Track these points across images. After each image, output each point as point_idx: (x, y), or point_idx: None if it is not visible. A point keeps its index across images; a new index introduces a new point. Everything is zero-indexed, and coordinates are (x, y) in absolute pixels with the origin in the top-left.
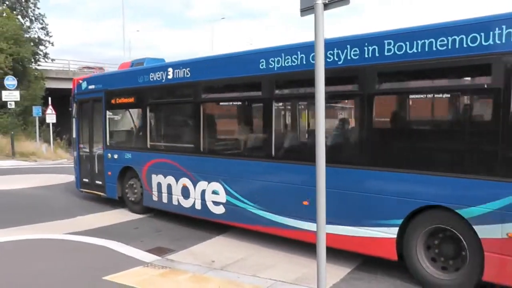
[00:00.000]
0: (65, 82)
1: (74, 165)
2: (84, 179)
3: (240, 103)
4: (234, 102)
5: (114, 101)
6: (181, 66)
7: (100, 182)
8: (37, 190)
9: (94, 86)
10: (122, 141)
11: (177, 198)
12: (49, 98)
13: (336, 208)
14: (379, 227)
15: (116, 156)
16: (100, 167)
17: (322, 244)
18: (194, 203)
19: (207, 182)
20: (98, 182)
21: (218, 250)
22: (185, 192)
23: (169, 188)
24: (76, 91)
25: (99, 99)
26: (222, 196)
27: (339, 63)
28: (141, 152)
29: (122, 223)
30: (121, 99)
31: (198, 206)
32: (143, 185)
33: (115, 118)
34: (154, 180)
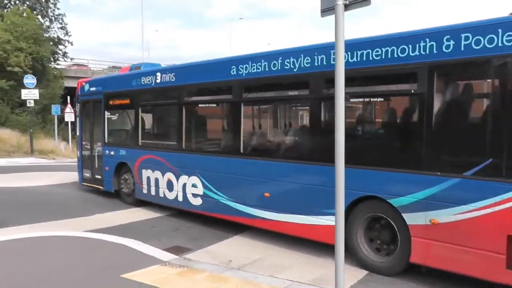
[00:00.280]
0: None
1: (77, 161)
2: (86, 174)
3: (214, 105)
4: (210, 104)
5: (112, 103)
6: (168, 71)
7: (99, 177)
8: (55, 187)
9: (95, 88)
10: (118, 139)
11: (163, 190)
12: (68, 97)
13: (295, 200)
14: (327, 216)
15: (112, 153)
16: (99, 163)
17: (340, 245)
18: (177, 195)
19: (187, 176)
20: (97, 176)
21: (236, 250)
22: (170, 186)
23: (157, 182)
24: (79, 93)
25: (99, 100)
26: (200, 189)
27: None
28: (134, 149)
29: (140, 221)
30: (118, 100)
31: (180, 198)
32: (135, 179)
33: (113, 118)
34: (144, 174)
